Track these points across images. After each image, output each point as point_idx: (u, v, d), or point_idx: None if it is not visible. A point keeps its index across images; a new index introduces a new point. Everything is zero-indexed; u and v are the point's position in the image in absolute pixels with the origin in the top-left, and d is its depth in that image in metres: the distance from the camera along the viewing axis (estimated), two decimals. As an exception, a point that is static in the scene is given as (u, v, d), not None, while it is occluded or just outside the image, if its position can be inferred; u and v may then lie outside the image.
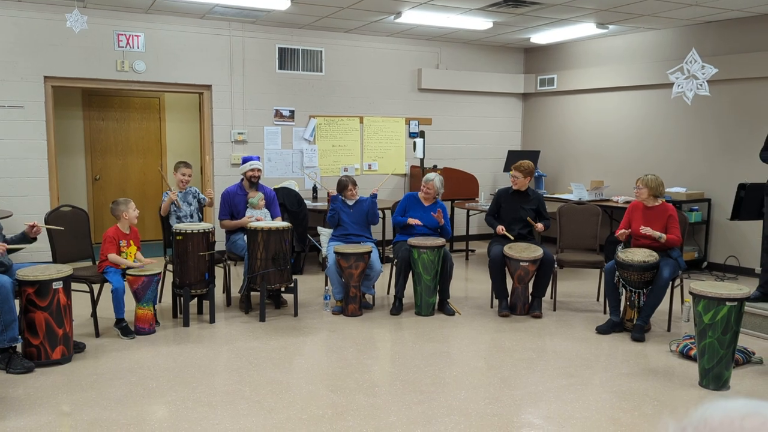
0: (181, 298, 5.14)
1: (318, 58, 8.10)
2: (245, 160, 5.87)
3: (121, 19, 7.04)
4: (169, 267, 5.43)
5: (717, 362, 3.81)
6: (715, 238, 7.35)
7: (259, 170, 5.83)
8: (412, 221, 5.66)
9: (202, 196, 5.90)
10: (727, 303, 3.75)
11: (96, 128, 8.57)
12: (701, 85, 5.89)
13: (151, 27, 7.18)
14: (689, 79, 6.02)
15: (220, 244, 6.10)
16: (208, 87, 7.59)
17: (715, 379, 3.85)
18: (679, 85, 6.07)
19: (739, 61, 6.86)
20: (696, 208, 7.24)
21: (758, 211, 5.75)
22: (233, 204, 5.80)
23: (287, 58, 7.93)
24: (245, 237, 5.45)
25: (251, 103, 7.80)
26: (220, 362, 4.26)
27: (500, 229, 5.60)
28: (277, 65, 7.88)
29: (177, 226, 5.17)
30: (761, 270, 4.95)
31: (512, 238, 5.55)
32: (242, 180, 5.89)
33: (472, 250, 8.48)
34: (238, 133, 7.72)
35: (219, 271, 5.81)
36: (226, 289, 5.77)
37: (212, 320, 5.16)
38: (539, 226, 5.52)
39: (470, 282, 6.92)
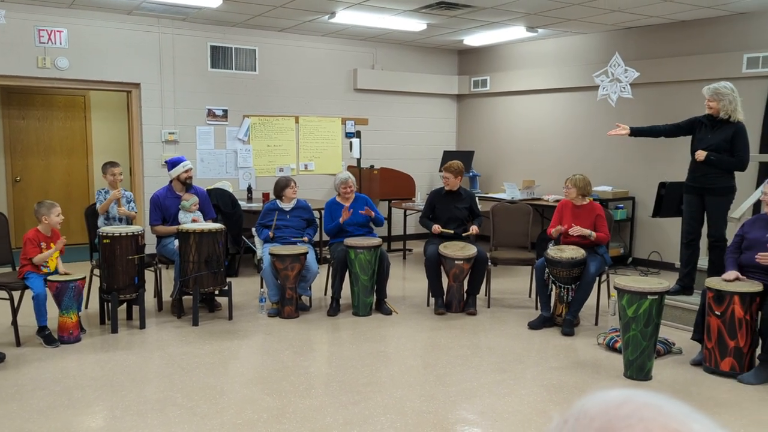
0: (109, 304, 4.96)
1: (251, 56, 7.98)
2: (171, 163, 5.70)
3: (42, 14, 6.73)
4: (96, 272, 5.24)
5: (640, 353, 3.98)
6: (639, 234, 7.67)
7: (191, 169, 5.71)
8: (343, 217, 5.63)
9: (133, 204, 5.72)
10: (648, 297, 3.92)
11: (16, 127, 8.17)
12: (624, 88, 6.14)
13: (75, 23, 6.90)
14: (613, 82, 6.27)
15: (150, 247, 5.91)
16: (137, 85, 7.35)
17: (638, 369, 4.02)
18: (603, 88, 6.31)
19: (659, 66, 7.18)
20: (621, 206, 7.54)
21: (678, 208, 6.02)
22: (164, 208, 5.63)
23: (220, 57, 7.78)
24: (176, 240, 5.31)
25: (182, 102, 7.61)
26: (150, 369, 4.13)
27: (436, 228, 5.67)
28: (209, 63, 7.72)
29: (104, 229, 4.99)
30: (681, 264, 5.20)
31: (452, 232, 5.63)
32: (171, 182, 5.73)
33: (410, 250, 8.55)
34: (169, 133, 7.52)
35: (149, 275, 5.64)
36: (157, 293, 5.61)
37: (142, 326, 5.00)
38: (473, 229, 5.62)
39: (408, 281, 6.98)
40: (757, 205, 5.24)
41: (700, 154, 4.72)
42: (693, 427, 0.47)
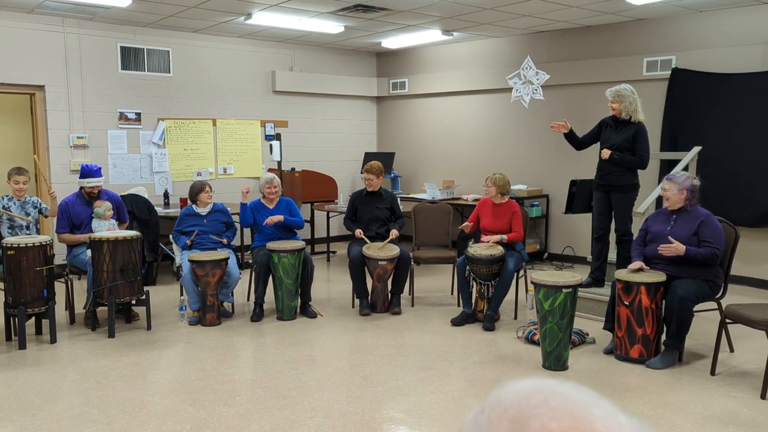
0: (15, 319, 4.68)
1: (165, 58, 7.74)
2: (84, 171, 5.45)
3: (-69, 11, 6.28)
4: (0, 285, 4.93)
5: (557, 345, 4.15)
6: (553, 230, 7.99)
7: (99, 188, 5.44)
8: (273, 220, 5.54)
9: (44, 206, 5.43)
10: (563, 290, 4.09)
11: None
12: (536, 90, 6.38)
13: (-30, 20, 6.47)
14: (526, 84, 6.50)
15: (60, 257, 5.63)
16: (41, 87, 6.98)
17: (555, 360, 4.19)
18: (517, 90, 6.54)
19: (567, 68, 7.52)
20: (536, 203, 7.83)
21: (588, 204, 6.32)
22: (73, 215, 5.38)
23: (131, 58, 7.50)
24: (88, 249, 5.08)
25: (92, 105, 7.28)
26: (63, 385, 3.94)
27: (358, 232, 5.70)
28: (119, 65, 7.43)
29: (8, 240, 4.71)
30: (592, 258, 5.46)
31: (368, 241, 5.65)
32: (81, 190, 5.48)
33: (333, 252, 8.54)
34: (78, 137, 7.18)
35: (60, 287, 5.37)
36: (69, 305, 5.34)
37: (53, 340, 4.75)
38: (393, 233, 5.67)
39: (332, 283, 6.97)
40: (660, 200, 5.57)
41: (605, 153, 4.99)
42: (594, 412, 0.52)
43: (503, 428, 0.52)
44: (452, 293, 6.22)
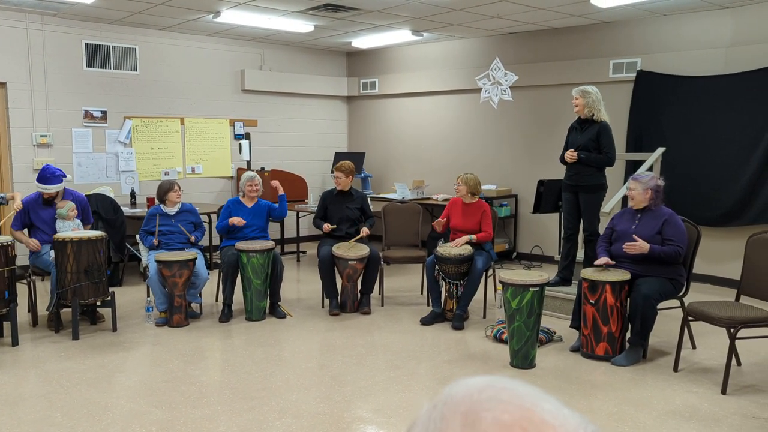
0: (-24, 322, 4.56)
1: (131, 55, 7.62)
2: (41, 175, 5.22)
3: None
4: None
5: (524, 343, 4.20)
6: (522, 230, 8.08)
7: (56, 193, 5.28)
8: (234, 221, 5.51)
9: (1, 194, 5.30)
10: (530, 289, 4.14)
11: None
12: (505, 91, 6.45)
13: (-73, 15, 6.29)
14: (494, 85, 6.56)
15: (23, 259, 5.50)
16: (2, 84, 6.81)
17: (523, 358, 4.24)
18: (486, 91, 6.59)
19: (535, 70, 7.60)
20: (505, 203, 7.91)
21: (555, 204, 6.40)
22: (32, 215, 5.24)
23: (96, 55, 7.36)
24: (52, 250, 4.97)
25: (56, 103, 7.13)
26: (25, 388, 3.85)
27: (326, 226, 5.69)
28: (84, 62, 7.29)
29: (-33, 241, 4.58)
30: (560, 258, 5.53)
31: (351, 243, 5.63)
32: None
33: (303, 252, 8.50)
34: (41, 136, 7.02)
35: (22, 289, 5.25)
36: (32, 307, 5.22)
37: (15, 343, 4.64)
38: (364, 231, 5.69)
39: (302, 283, 6.94)
40: (625, 199, 5.68)
41: (571, 156, 5.05)
42: (544, 406, 0.54)
43: (456, 422, 0.54)
44: (422, 293, 6.24)
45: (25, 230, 5.34)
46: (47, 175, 5.21)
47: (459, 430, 0.53)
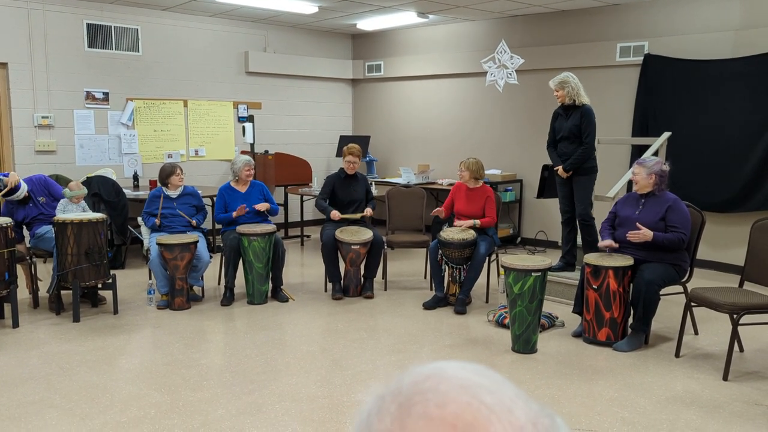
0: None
1: (134, 36, 7.56)
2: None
3: None
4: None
5: (526, 328, 4.17)
6: (526, 215, 8.03)
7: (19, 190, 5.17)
8: (237, 213, 5.48)
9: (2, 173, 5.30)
10: (532, 274, 4.11)
11: None
12: (510, 74, 6.37)
13: (-72, -6, 6.24)
14: (500, 69, 6.48)
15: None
16: (3, 65, 6.77)
17: (524, 343, 4.21)
18: (491, 74, 6.51)
19: (541, 53, 7.50)
20: (510, 188, 7.85)
21: (559, 189, 6.31)
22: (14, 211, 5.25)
23: (98, 36, 7.30)
24: (53, 231, 4.96)
25: (57, 84, 7.09)
26: (24, 370, 3.85)
27: (335, 214, 5.63)
28: (86, 43, 7.23)
29: (-33, 222, 4.58)
30: (562, 243, 5.49)
31: (356, 216, 5.66)
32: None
33: (307, 236, 8.48)
34: (43, 117, 6.99)
35: (23, 270, 5.25)
36: (33, 289, 5.23)
37: (15, 324, 4.64)
38: (368, 211, 5.68)
39: (305, 267, 6.92)
40: (630, 184, 5.62)
41: (564, 174, 5.15)
42: (485, 398, 0.50)
43: (391, 412, 0.51)
44: (425, 277, 6.22)
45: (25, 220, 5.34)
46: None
47: (389, 424, 0.50)
